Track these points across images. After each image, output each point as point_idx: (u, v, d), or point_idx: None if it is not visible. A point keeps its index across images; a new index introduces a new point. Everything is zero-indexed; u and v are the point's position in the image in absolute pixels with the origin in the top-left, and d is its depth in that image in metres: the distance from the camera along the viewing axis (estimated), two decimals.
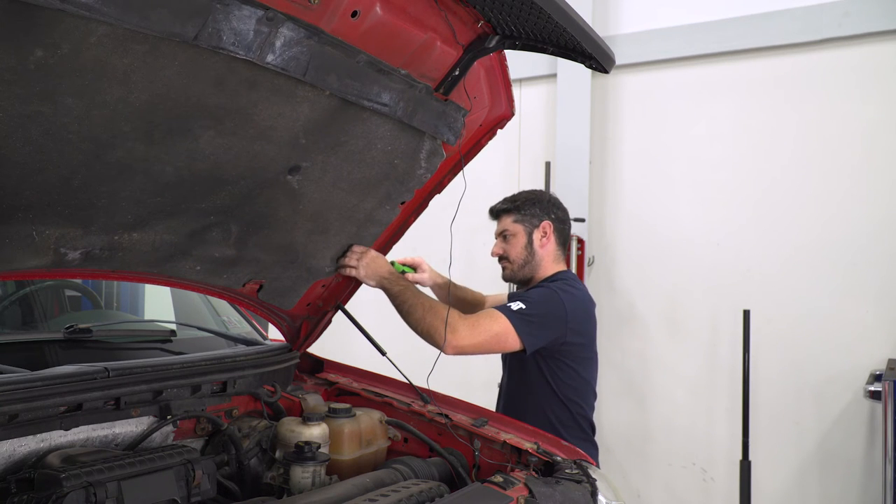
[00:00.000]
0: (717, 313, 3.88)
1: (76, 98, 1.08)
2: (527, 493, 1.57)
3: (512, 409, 2.29)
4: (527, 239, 2.31)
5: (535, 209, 2.32)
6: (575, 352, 2.21)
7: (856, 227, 3.55)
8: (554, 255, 2.35)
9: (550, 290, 2.20)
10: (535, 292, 2.20)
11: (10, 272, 1.36)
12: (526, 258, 2.31)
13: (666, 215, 4.04)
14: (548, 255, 2.33)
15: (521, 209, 2.33)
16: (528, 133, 4.43)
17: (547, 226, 2.31)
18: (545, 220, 2.32)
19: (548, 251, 2.32)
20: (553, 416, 2.22)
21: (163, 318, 2.40)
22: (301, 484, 1.60)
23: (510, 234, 2.32)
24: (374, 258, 2.01)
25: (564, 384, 2.21)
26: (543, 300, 2.15)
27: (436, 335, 1.96)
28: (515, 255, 2.32)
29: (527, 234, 2.31)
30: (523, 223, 2.32)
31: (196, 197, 1.46)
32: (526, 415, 2.16)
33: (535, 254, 2.31)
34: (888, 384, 2.95)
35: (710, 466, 3.89)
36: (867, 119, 3.54)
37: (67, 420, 1.42)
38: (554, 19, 1.38)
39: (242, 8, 1.12)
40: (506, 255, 2.34)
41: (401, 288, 2.03)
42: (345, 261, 1.98)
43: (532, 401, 2.25)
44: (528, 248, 2.31)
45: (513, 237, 2.32)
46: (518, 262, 2.32)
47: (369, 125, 1.55)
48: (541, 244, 2.31)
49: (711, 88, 3.92)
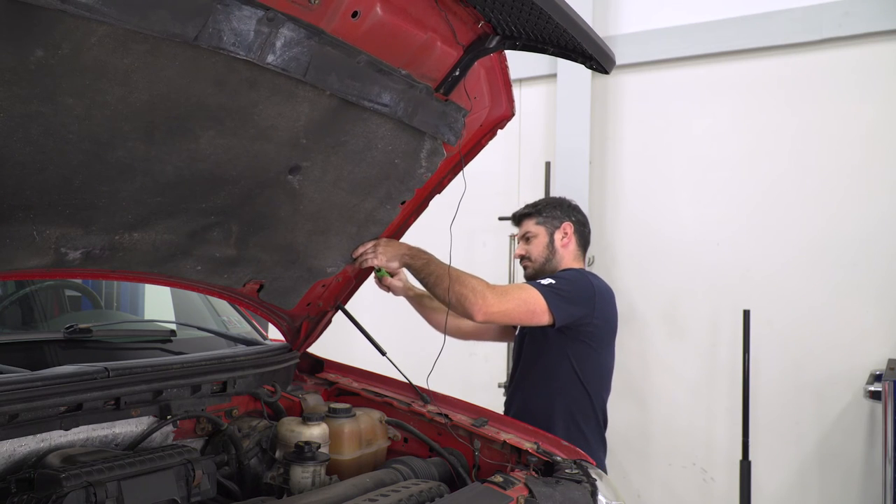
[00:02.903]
0: (717, 313, 3.87)
1: (76, 98, 1.08)
2: (527, 493, 1.57)
3: (532, 397, 2.31)
4: (548, 239, 2.39)
5: (557, 212, 2.41)
6: (599, 335, 2.27)
7: (856, 227, 3.54)
8: (574, 254, 2.42)
9: (578, 272, 2.31)
10: (563, 273, 2.28)
11: (11, 272, 1.36)
12: (547, 256, 2.38)
13: (666, 215, 4.04)
14: (568, 254, 2.40)
15: (542, 212, 2.41)
16: (528, 133, 4.43)
17: (568, 227, 2.40)
18: (566, 222, 2.40)
19: (569, 251, 2.40)
20: (574, 405, 2.25)
21: (163, 318, 2.39)
22: (301, 484, 1.60)
23: (532, 235, 2.40)
24: (388, 242, 2.04)
25: (587, 369, 2.25)
26: (572, 278, 2.24)
27: (465, 302, 2.00)
28: (537, 254, 2.39)
29: (548, 235, 2.39)
30: (545, 225, 2.40)
31: (196, 197, 1.46)
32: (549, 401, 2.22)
33: (556, 252, 2.38)
34: (888, 384, 2.95)
35: (710, 466, 3.89)
36: (867, 119, 3.53)
37: (67, 420, 1.42)
38: (554, 20, 1.38)
39: (243, 8, 1.12)
40: (528, 255, 2.40)
41: (424, 261, 2.06)
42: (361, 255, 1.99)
43: (556, 387, 2.26)
44: (550, 247, 2.38)
45: (535, 238, 2.39)
46: (540, 261, 2.38)
47: (370, 125, 1.55)
48: (562, 244, 2.39)
49: (711, 88, 3.92)
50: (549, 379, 2.28)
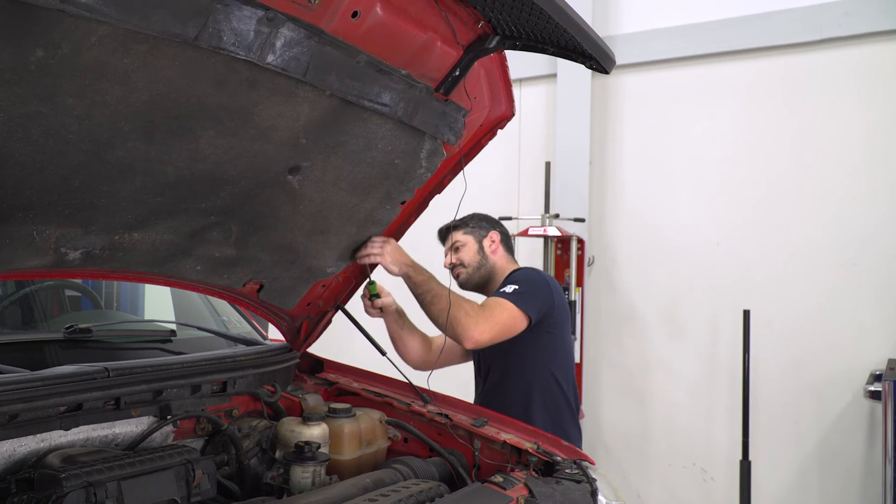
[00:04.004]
0: (717, 313, 3.88)
1: (76, 98, 1.08)
2: (527, 493, 1.57)
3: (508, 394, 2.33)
4: (478, 245, 2.44)
5: (483, 223, 2.49)
6: (559, 321, 2.34)
7: (855, 227, 3.55)
8: (506, 258, 2.49)
9: (529, 270, 2.42)
10: (517, 275, 2.35)
11: (10, 272, 1.36)
12: (479, 261, 2.43)
13: (666, 215, 4.04)
14: (500, 259, 2.47)
15: (468, 223, 2.47)
16: (528, 133, 4.43)
17: (495, 235, 2.47)
18: (493, 231, 2.48)
19: (499, 256, 2.47)
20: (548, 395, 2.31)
21: (163, 318, 2.39)
22: (301, 484, 1.60)
23: (461, 244, 2.45)
24: (398, 247, 2.04)
25: (551, 354, 2.31)
26: (527, 277, 2.31)
27: (458, 327, 2.03)
28: (469, 258, 2.43)
29: (477, 242, 2.45)
30: (472, 234, 2.46)
31: (196, 197, 1.46)
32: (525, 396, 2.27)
33: (487, 258, 2.44)
34: (888, 384, 2.95)
35: (710, 466, 3.89)
36: (867, 119, 3.54)
37: (67, 420, 1.42)
38: (554, 20, 1.38)
39: (243, 8, 1.12)
40: (459, 261, 2.44)
41: (424, 278, 2.07)
42: (366, 250, 1.99)
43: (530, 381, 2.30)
44: (480, 252, 2.44)
45: (463, 246, 2.44)
46: (473, 265, 2.43)
47: (370, 125, 1.55)
48: (491, 250, 2.45)
49: (711, 88, 3.92)
50: (522, 374, 2.32)
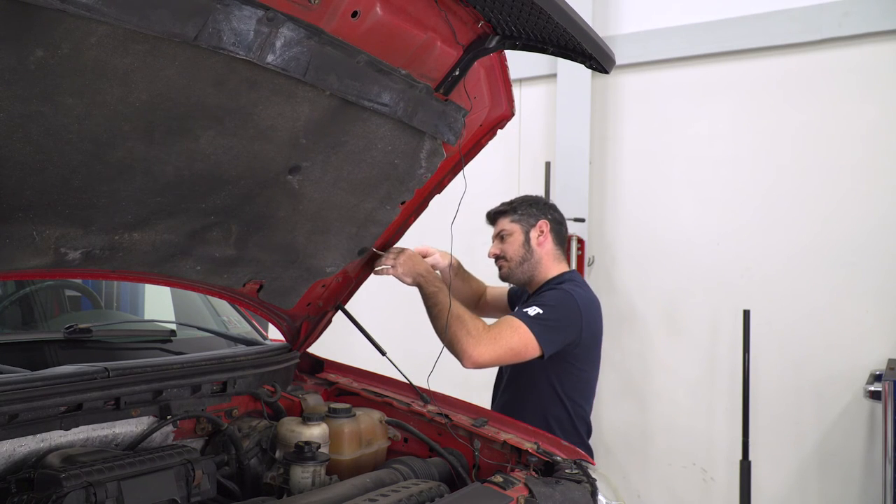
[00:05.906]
0: (717, 313, 3.87)
1: (76, 98, 1.08)
2: (527, 493, 1.57)
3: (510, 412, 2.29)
4: (524, 237, 2.32)
5: (532, 209, 2.34)
6: (583, 354, 2.22)
7: (856, 227, 3.54)
8: (554, 254, 2.35)
9: (564, 293, 2.20)
10: (550, 295, 2.19)
11: (10, 272, 1.36)
12: (524, 256, 2.31)
13: (666, 215, 4.04)
14: (547, 255, 2.33)
15: (517, 210, 2.34)
16: (528, 133, 4.43)
17: (544, 224, 2.33)
18: (542, 220, 2.33)
19: (546, 250, 2.33)
20: (552, 417, 2.22)
21: (163, 318, 2.39)
22: (301, 484, 1.60)
23: (507, 233, 2.33)
24: (411, 256, 2.03)
25: (569, 385, 2.22)
26: (559, 303, 2.15)
27: (457, 346, 1.99)
28: (513, 252, 2.32)
29: (524, 233, 2.32)
30: (520, 222, 2.33)
31: (196, 197, 1.46)
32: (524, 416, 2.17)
33: (533, 252, 2.31)
34: (888, 384, 2.95)
35: (710, 466, 3.89)
36: (867, 119, 3.53)
37: (67, 420, 1.42)
38: (554, 20, 1.38)
39: (242, 8, 1.12)
40: (503, 254, 2.34)
41: (436, 289, 2.04)
42: (380, 262, 2.00)
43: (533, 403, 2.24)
44: (526, 245, 2.31)
45: (509, 236, 2.33)
46: (516, 260, 2.32)
47: (369, 125, 1.55)
48: (538, 242, 2.32)
49: (711, 88, 3.92)
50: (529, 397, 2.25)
